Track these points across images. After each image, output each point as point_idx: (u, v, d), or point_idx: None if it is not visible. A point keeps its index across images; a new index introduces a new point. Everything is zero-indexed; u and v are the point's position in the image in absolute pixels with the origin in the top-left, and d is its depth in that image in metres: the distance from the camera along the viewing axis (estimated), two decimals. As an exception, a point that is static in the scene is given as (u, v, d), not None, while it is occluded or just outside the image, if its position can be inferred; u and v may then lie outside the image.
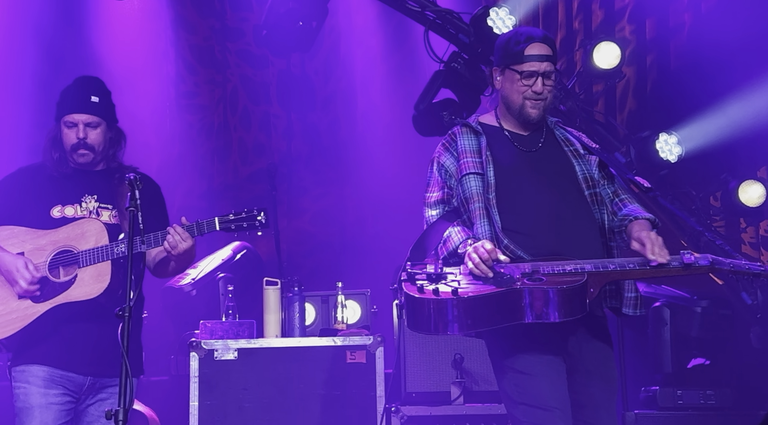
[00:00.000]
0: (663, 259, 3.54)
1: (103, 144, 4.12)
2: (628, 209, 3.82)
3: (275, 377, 5.07)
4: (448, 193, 3.85)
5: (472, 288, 3.56)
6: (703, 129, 6.17)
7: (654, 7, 6.93)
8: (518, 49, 3.81)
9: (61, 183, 4.12)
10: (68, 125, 4.09)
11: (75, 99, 4.12)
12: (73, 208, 4.08)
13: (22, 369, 3.95)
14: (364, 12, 7.75)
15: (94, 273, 3.93)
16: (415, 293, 3.58)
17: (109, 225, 4.04)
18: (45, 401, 3.89)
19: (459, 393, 5.34)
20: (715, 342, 5.82)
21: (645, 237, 3.59)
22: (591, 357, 3.72)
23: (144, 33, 7.72)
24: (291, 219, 7.74)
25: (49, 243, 4.00)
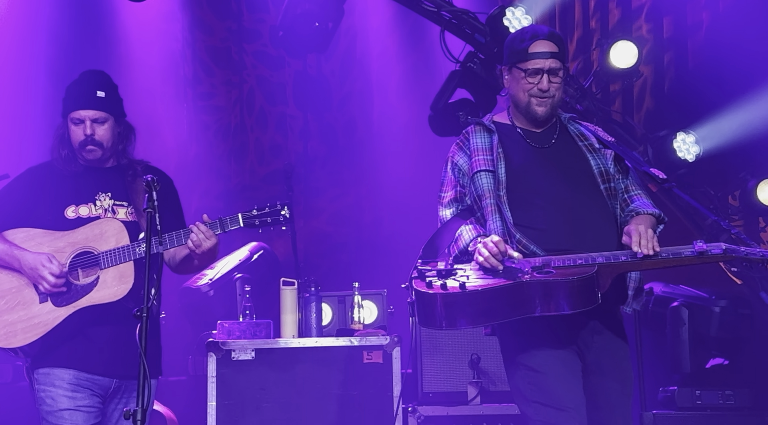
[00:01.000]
0: (649, 251, 3.52)
1: (111, 139, 4.03)
2: (635, 204, 3.82)
3: (292, 377, 5.08)
4: (461, 192, 3.86)
5: (481, 282, 3.57)
6: (722, 128, 6.15)
7: (671, 6, 6.90)
8: (522, 47, 3.82)
9: (73, 182, 4.03)
10: (75, 122, 4.00)
11: (81, 95, 4.02)
12: (88, 207, 4.00)
13: (46, 372, 3.87)
14: (380, 12, 7.76)
15: (116, 274, 3.86)
16: (423, 289, 3.59)
17: (127, 223, 3.96)
18: (73, 404, 3.83)
19: (476, 394, 5.35)
20: (733, 342, 5.80)
21: (633, 229, 3.58)
22: (606, 357, 3.71)
23: (161, 34, 7.76)
24: (308, 219, 7.76)
25: (67, 245, 3.92)
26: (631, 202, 3.83)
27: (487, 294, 3.54)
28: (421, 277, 3.63)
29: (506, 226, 3.70)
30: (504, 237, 3.67)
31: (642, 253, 3.52)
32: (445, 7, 6.38)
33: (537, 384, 3.62)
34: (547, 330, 3.60)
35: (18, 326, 3.86)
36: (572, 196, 3.75)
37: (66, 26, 7.15)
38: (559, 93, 3.87)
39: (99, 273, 3.87)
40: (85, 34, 7.22)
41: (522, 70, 3.80)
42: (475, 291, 3.54)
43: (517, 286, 3.51)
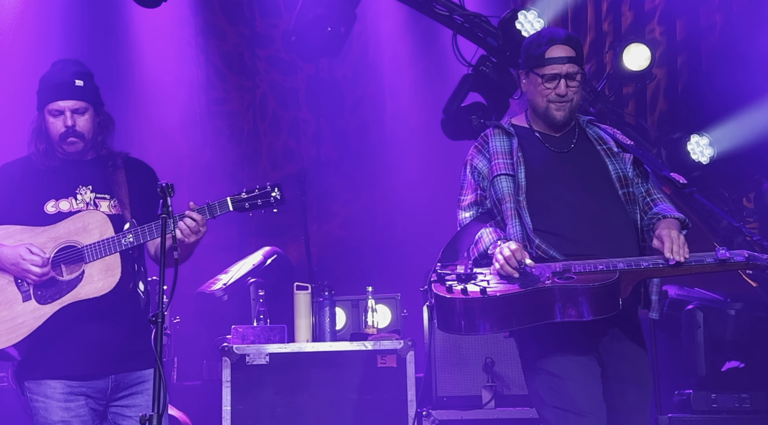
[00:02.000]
0: (680, 258, 3.50)
1: (92, 130, 3.86)
2: (658, 208, 3.79)
3: (307, 381, 5.08)
4: (481, 195, 3.84)
5: (501, 288, 3.55)
6: (736, 130, 6.13)
7: (684, 8, 6.88)
8: (539, 52, 3.79)
9: (52, 176, 3.85)
10: (53, 114, 3.81)
11: (58, 85, 3.83)
12: (68, 202, 3.82)
13: (39, 383, 3.72)
14: (392, 17, 7.76)
15: (102, 267, 3.69)
16: (444, 293, 3.57)
17: (111, 215, 3.80)
18: (67, 415, 3.70)
19: (490, 397, 5.33)
20: (749, 345, 5.77)
21: (665, 235, 3.57)
22: (626, 363, 3.69)
23: (174, 40, 7.77)
24: (321, 223, 7.76)
25: (49, 240, 3.74)
26: (654, 205, 3.80)
27: (508, 299, 3.52)
28: (440, 281, 3.60)
29: (525, 231, 3.69)
30: (523, 242, 3.66)
31: (674, 260, 3.51)
32: (457, 10, 6.37)
33: (557, 389, 3.59)
34: (567, 336, 3.58)
35: (1, 327, 3.71)
36: (591, 202, 3.73)
37: (80, 31, 7.15)
38: (577, 97, 3.85)
39: (84, 268, 3.71)
40: (98, 39, 7.23)
41: (539, 75, 3.78)
42: (496, 297, 3.52)
43: (538, 292, 3.49)
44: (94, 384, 3.74)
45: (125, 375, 3.77)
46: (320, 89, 8.02)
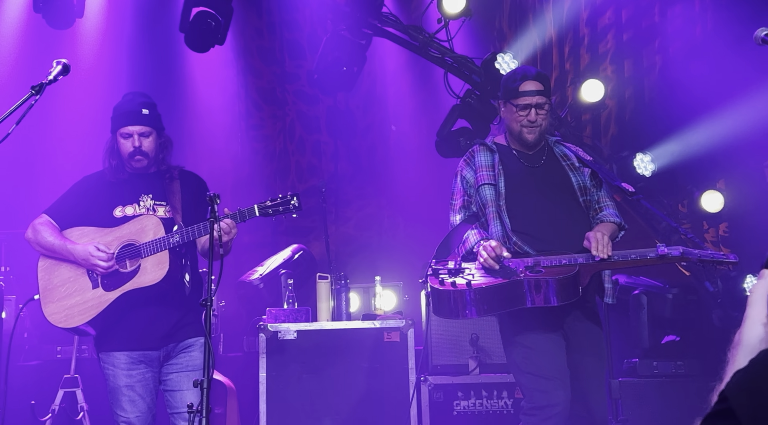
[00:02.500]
0: (604, 255, 3.49)
1: (155, 150, 3.88)
2: (601, 214, 3.78)
3: (327, 353, 5.06)
4: (468, 200, 3.83)
5: (484, 280, 3.54)
6: (672, 149, 6.11)
7: (631, 51, 6.86)
8: (514, 86, 3.78)
9: (120, 186, 3.89)
10: (124, 136, 3.84)
11: (128, 113, 3.86)
12: (132, 207, 3.86)
13: (108, 355, 3.81)
14: (395, 58, 7.73)
15: (155, 261, 3.72)
16: (437, 285, 3.56)
17: (164, 219, 3.82)
18: (130, 381, 3.76)
19: (475, 366, 5.30)
20: (684, 322, 5.75)
21: (592, 236, 3.56)
22: (585, 338, 3.68)
23: (220, 78, 7.75)
24: (338, 225, 7.73)
25: (114, 239, 3.79)
26: (601, 211, 3.79)
27: (489, 290, 3.51)
28: (434, 275, 3.59)
29: (505, 230, 3.68)
30: (503, 240, 3.65)
31: (599, 257, 3.48)
32: (447, 53, 6.35)
33: (530, 359, 3.59)
34: (538, 316, 3.57)
35: (75, 309, 3.77)
36: (557, 207, 3.73)
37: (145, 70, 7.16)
38: (546, 122, 3.83)
39: (141, 262, 3.75)
40: (160, 77, 7.22)
41: (514, 105, 3.77)
42: (480, 288, 3.51)
43: (513, 283, 3.49)
44: (149, 354, 3.80)
45: (173, 345, 3.84)
46: (337, 117, 7.99)
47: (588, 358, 3.67)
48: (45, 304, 3.82)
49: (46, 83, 3.29)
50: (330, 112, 8.00)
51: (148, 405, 3.78)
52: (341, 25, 6.24)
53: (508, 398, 5.16)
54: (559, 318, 3.63)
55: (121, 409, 3.76)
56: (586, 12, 6.99)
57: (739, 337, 1.51)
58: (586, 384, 3.65)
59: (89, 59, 7.09)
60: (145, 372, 3.80)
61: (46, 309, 3.81)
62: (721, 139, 6.00)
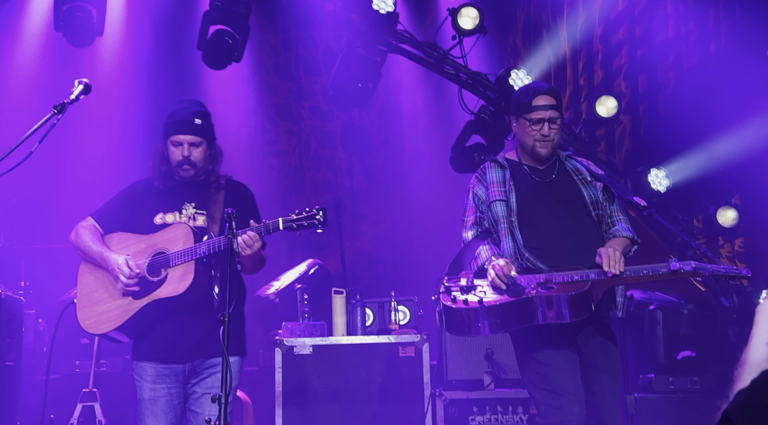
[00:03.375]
0: (615, 271, 3.47)
1: (203, 160, 3.82)
2: (614, 228, 3.77)
3: (342, 367, 5.07)
4: (480, 217, 3.83)
5: (496, 297, 3.53)
6: (687, 164, 6.11)
7: (644, 67, 6.88)
8: (527, 101, 3.79)
9: (166, 193, 3.84)
10: (174, 144, 3.80)
11: (180, 122, 3.81)
12: (173, 215, 3.80)
13: (136, 364, 3.78)
14: (410, 75, 7.79)
15: (180, 272, 3.64)
16: (449, 303, 3.56)
17: (198, 228, 3.73)
18: (153, 395, 3.71)
19: (490, 381, 5.30)
20: (699, 338, 5.73)
21: (603, 252, 3.54)
22: (599, 354, 3.67)
23: (237, 94, 7.83)
24: (353, 240, 7.76)
25: (148, 247, 3.74)
26: (613, 225, 3.79)
27: (501, 307, 3.51)
28: (447, 292, 3.60)
29: (517, 246, 3.68)
30: (515, 255, 3.65)
31: (611, 273, 3.48)
32: (462, 70, 6.39)
33: (544, 374, 3.59)
34: (552, 332, 3.57)
35: (104, 316, 3.75)
36: (569, 222, 3.72)
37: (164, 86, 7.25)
38: (558, 136, 3.84)
39: (168, 271, 3.68)
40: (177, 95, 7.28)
41: (527, 119, 3.79)
42: (492, 306, 3.51)
43: (525, 301, 3.49)
44: (175, 367, 3.74)
45: (200, 362, 3.74)
46: (352, 132, 8.04)
47: (602, 374, 3.66)
48: (79, 309, 3.83)
49: (68, 103, 3.34)
50: (345, 127, 8.06)
51: (170, 421, 3.73)
52: (356, 43, 6.29)
53: (523, 413, 5.16)
54: (573, 334, 3.63)
55: (143, 423, 3.74)
56: (599, 28, 7.02)
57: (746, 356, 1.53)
58: (601, 400, 3.64)
59: (108, 77, 7.18)
60: (170, 386, 3.74)
61: (79, 314, 3.82)
62: (736, 155, 6.01)
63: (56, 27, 5.89)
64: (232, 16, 5.98)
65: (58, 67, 6.92)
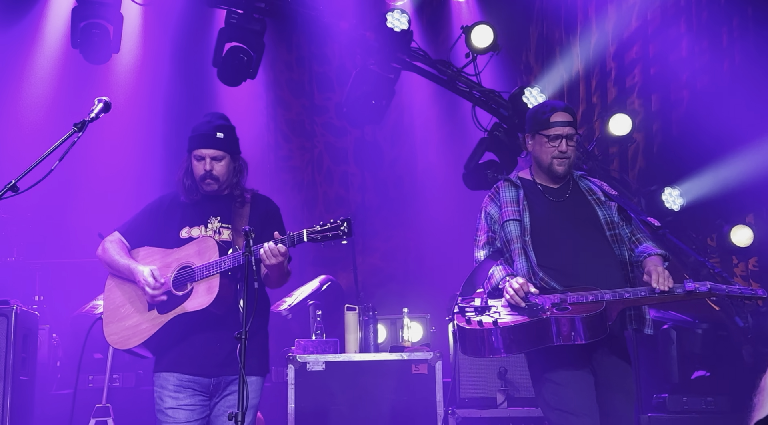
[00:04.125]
0: (664, 287, 3.49)
1: (227, 174, 3.82)
2: (643, 247, 3.77)
3: (355, 385, 5.06)
4: (492, 236, 3.83)
5: (510, 318, 3.53)
6: (701, 183, 6.11)
7: (658, 85, 6.90)
8: (545, 117, 3.80)
9: (191, 208, 3.85)
10: (197, 158, 3.80)
11: (203, 135, 3.80)
12: (199, 229, 3.81)
13: (158, 376, 3.75)
14: (423, 92, 7.82)
15: (206, 286, 3.63)
16: (464, 324, 3.56)
17: (223, 242, 3.74)
18: (176, 404, 3.67)
19: (503, 399, 5.30)
20: (713, 358, 5.71)
21: (652, 269, 3.55)
22: (613, 373, 3.67)
23: (250, 111, 7.88)
24: (365, 256, 7.77)
25: (174, 261, 3.75)
26: (639, 244, 3.79)
27: (516, 328, 3.51)
28: (461, 313, 3.59)
29: (531, 266, 3.67)
30: (529, 276, 3.65)
31: (659, 289, 3.50)
32: (475, 87, 6.43)
33: (558, 395, 3.58)
34: (566, 352, 3.57)
35: (131, 331, 3.74)
36: (583, 242, 3.72)
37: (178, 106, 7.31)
38: (574, 154, 3.85)
39: (194, 285, 3.67)
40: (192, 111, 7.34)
41: (545, 135, 3.79)
42: (506, 327, 3.51)
43: (540, 322, 3.48)
44: (200, 380, 3.70)
45: (225, 377, 3.72)
46: (365, 149, 8.07)
47: (616, 395, 3.65)
48: (106, 324, 3.82)
49: (89, 121, 3.37)
50: (358, 143, 8.09)
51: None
52: (370, 60, 6.34)
53: (536, 432, 5.15)
54: (588, 354, 3.63)
55: None
56: (613, 46, 7.05)
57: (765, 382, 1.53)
58: (615, 421, 3.63)
59: (124, 93, 7.25)
60: (192, 396, 3.70)
61: (106, 330, 3.81)
62: (751, 173, 6.01)
63: (73, 44, 5.96)
64: (248, 34, 6.04)
65: (75, 84, 6.99)
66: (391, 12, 6.21)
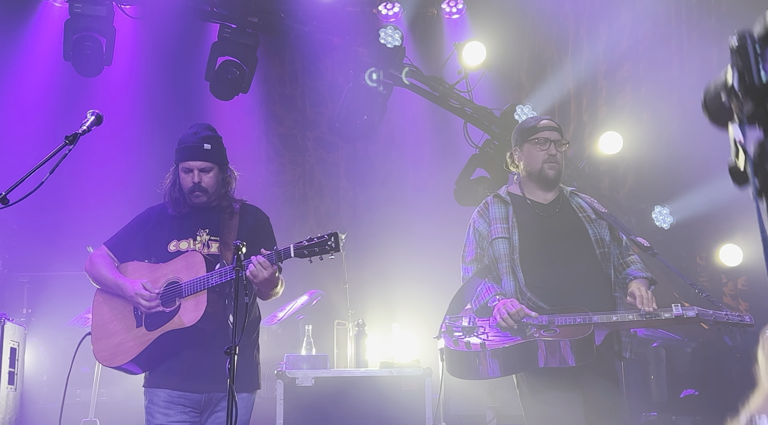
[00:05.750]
0: (649, 309, 3.51)
1: (215, 185, 3.76)
2: (630, 269, 3.78)
3: (345, 400, 5.05)
4: (480, 253, 3.83)
5: (497, 339, 3.52)
6: (691, 202, 6.15)
7: (649, 104, 6.95)
8: (532, 124, 3.89)
9: (179, 220, 3.79)
10: (185, 170, 3.75)
11: (190, 147, 3.75)
12: (187, 242, 3.73)
13: (148, 391, 3.69)
14: (415, 108, 7.85)
15: (193, 302, 3.57)
16: (451, 346, 3.56)
17: (210, 256, 3.68)
18: (166, 420, 3.60)
19: (492, 417, 5.30)
20: (702, 376, 5.74)
21: (635, 291, 3.58)
22: (602, 393, 3.67)
23: (243, 124, 7.90)
24: (356, 271, 7.73)
25: (161, 276, 3.68)
26: (627, 266, 3.80)
27: (503, 351, 3.51)
28: (449, 333, 3.59)
29: (519, 285, 3.67)
30: (516, 295, 3.65)
31: (644, 310, 3.51)
32: (467, 104, 6.46)
33: (548, 414, 3.59)
34: (555, 373, 3.57)
35: (120, 348, 3.67)
36: (572, 260, 3.72)
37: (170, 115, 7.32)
38: (563, 162, 3.88)
39: (181, 301, 3.62)
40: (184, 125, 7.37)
41: (534, 140, 3.83)
42: (494, 350, 3.51)
43: (528, 344, 3.48)
44: (191, 396, 3.65)
45: (216, 393, 3.66)
46: (357, 164, 8.09)
47: (605, 415, 3.65)
48: (94, 341, 3.75)
49: (80, 133, 3.34)
50: (349, 158, 8.11)
51: None
52: (363, 75, 6.37)
53: (524, 450, 5.15)
54: (576, 374, 3.62)
55: None
56: (604, 65, 7.10)
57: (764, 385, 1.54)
58: (603, 439, 3.64)
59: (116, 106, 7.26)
60: (183, 413, 3.63)
61: (95, 347, 3.75)
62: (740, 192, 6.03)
63: (65, 56, 5.98)
64: (241, 48, 6.07)
65: (67, 96, 6.99)
66: (384, 28, 6.26)
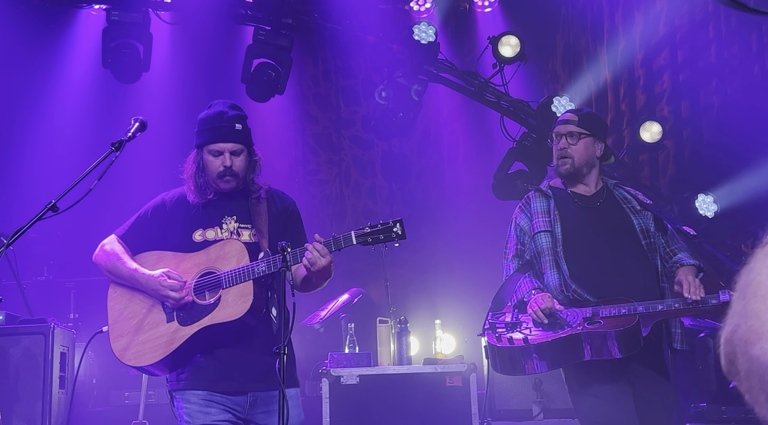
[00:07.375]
0: (696, 297, 3.46)
1: (244, 169, 3.45)
2: (677, 257, 3.74)
3: (390, 398, 5.06)
4: (521, 249, 3.81)
5: (541, 334, 3.51)
6: (735, 189, 6.07)
7: (688, 91, 6.87)
8: (555, 121, 3.88)
9: (203, 207, 3.46)
10: (214, 153, 3.42)
11: (219, 128, 3.43)
12: (214, 231, 3.42)
13: (182, 392, 3.33)
14: (450, 103, 7.85)
15: (237, 293, 3.26)
16: (495, 342, 3.56)
17: (249, 244, 3.37)
18: (208, 419, 3.27)
19: (539, 411, 5.27)
20: (752, 365, 5.64)
21: (683, 280, 3.54)
22: (651, 385, 3.65)
23: (279, 125, 7.95)
24: (395, 268, 7.76)
25: (193, 266, 3.36)
26: (673, 254, 3.76)
27: (547, 345, 3.50)
28: (492, 329, 3.59)
29: (563, 278, 3.66)
30: (561, 288, 3.63)
31: (691, 299, 3.46)
32: (503, 97, 6.43)
33: (597, 408, 3.58)
34: (603, 365, 3.55)
35: (147, 345, 3.33)
36: (618, 251, 3.70)
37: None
38: (578, 155, 3.79)
39: (221, 293, 3.29)
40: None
41: (552, 137, 3.85)
42: (537, 344, 3.50)
43: (572, 337, 3.47)
44: (234, 398, 3.33)
45: (263, 393, 3.35)
46: (392, 161, 8.10)
47: (654, 406, 3.63)
48: (114, 339, 3.40)
49: (126, 140, 3.35)
50: (385, 156, 8.12)
51: None
52: (397, 72, 6.37)
53: (572, 444, 5.12)
54: (624, 366, 3.60)
55: None
56: (640, 53, 7.02)
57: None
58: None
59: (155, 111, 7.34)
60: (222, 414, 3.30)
61: (115, 345, 3.39)
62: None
63: (104, 64, 6.06)
64: (275, 50, 6.10)
65: (107, 103, 7.09)
66: (418, 24, 6.25)
